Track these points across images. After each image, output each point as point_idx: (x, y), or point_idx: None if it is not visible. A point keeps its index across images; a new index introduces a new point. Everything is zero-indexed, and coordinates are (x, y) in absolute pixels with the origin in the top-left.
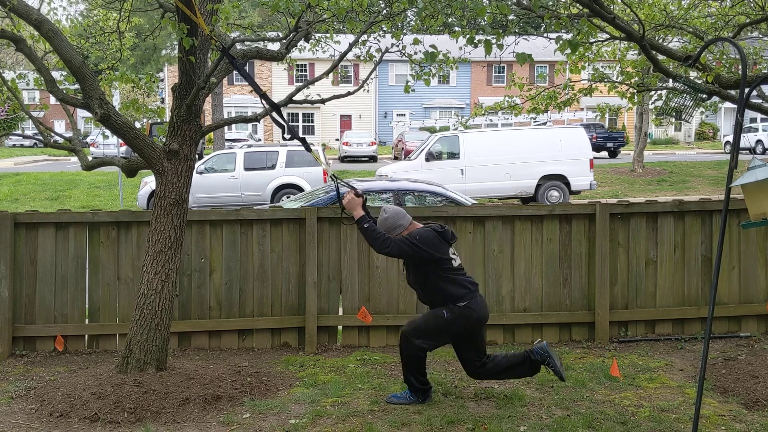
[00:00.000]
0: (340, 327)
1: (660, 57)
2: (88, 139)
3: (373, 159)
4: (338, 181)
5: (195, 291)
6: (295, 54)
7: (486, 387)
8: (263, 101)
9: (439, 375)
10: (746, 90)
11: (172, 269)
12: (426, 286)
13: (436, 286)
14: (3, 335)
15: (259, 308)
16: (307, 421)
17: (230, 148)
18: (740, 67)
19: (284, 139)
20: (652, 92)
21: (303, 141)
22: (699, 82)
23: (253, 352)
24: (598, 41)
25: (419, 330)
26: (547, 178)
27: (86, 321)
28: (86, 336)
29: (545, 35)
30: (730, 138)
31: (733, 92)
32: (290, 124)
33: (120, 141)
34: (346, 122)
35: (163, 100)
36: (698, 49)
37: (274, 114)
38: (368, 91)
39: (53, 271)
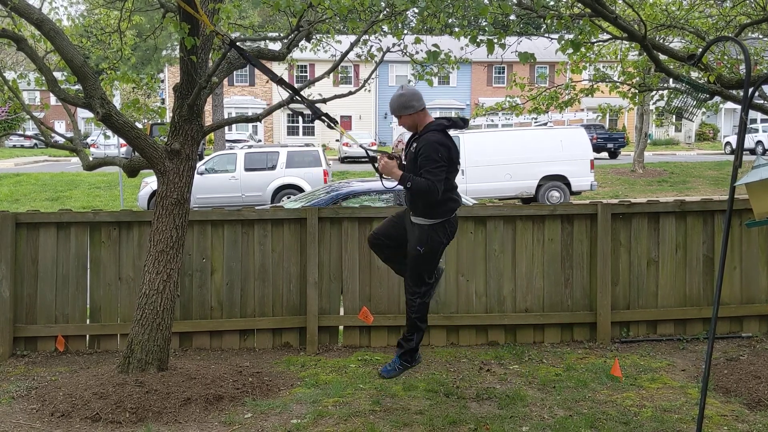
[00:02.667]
0: (341, 327)
1: (662, 57)
2: (89, 140)
3: (373, 160)
4: (367, 149)
5: (196, 291)
6: (296, 54)
7: (488, 387)
8: (282, 86)
9: (441, 375)
10: (750, 89)
11: (174, 269)
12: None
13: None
14: (4, 335)
15: (261, 308)
16: (309, 421)
17: (231, 148)
18: (742, 67)
19: (311, 120)
20: (654, 92)
21: (327, 117)
22: (701, 82)
23: (255, 352)
24: (600, 41)
25: (415, 272)
26: (547, 178)
27: (87, 321)
28: (87, 336)
29: (547, 35)
30: (731, 139)
31: (734, 92)
32: (314, 105)
33: (121, 142)
34: (346, 123)
35: (163, 101)
36: (701, 49)
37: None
38: (369, 91)
39: (54, 271)
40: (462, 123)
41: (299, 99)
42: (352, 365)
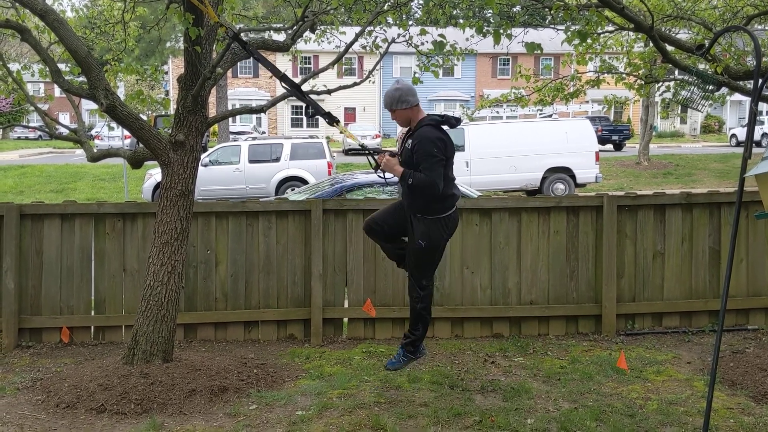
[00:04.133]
0: (345, 319)
1: (669, 48)
2: (93, 132)
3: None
4: (367, 149)
5: (201, 283)
6: (300, 46)
7: (493, 379)
8: (283, 83)
9: (446, 368)
10: (761, 80)
11: (178, 261)
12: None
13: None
14: (9, 327)
15: (265, 300)
16: (314, 412)
17: (235, 140)
18: (749, 58)
19: (308, 115)
20: (660, 84)
21: (328, 115)
22: (709, 73)
23: (259, 344)
24: (607, 32)
25: (418, 266)
26: (552, 170)
27: (92, 312)
28: (92, 327)
29: (553, 26)
30: (737, 131)
31: (742, 83)
32: (312, 101)
33: (125, 133)
34: (350, 115)
35: (167, 92)
36: (709, 39)
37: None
38: (374, 82)
39: (59, 263)
40: (455, 121)
41: (302, 96)
42: (357, 357)
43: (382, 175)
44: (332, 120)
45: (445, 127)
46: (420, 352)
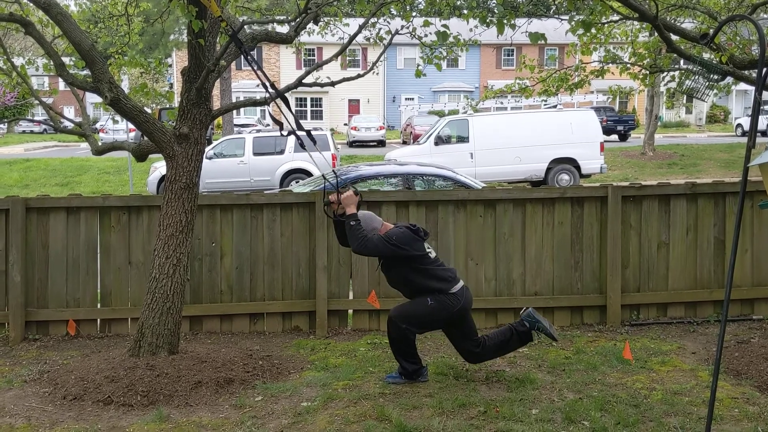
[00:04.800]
0: (350, 311)
1: (673, 37)
2: (98, 125)
3: (381, 143)
4: (332, 179)
5: (206, 275)
6: (303, 38)
7: (497, 370)
8: (268, 90)
9: (450, 358)
10: (765, 69)
11: (184, 253)
12: (408, 283)
13: (418, 282)
14: (16, 319)
15: (270, 292)
16: (319, 404)
17: (239, 133)
18: (754, 47)
19: (281, 134)
20: (665, 73)
21: (308, 134)
22: (714, 62)
23: (264, 336)
24: (611, 22)
25: (405, 315)
26: (557, 161)
27: (98, 305)
28: (98, 320)
29: (557, 16)
30: (742, 121)
31: (747, 72)
32: (285, 124)
33: (129, 126)
34: (354, 107)
35: (171, 86)
36: (714, 29)
37: (271, 113)
38: (377, 74)
39: (65, 256)
40: (425, 233)
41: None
42: (362, 349)
43: (330, 213)
44: (312, 140)
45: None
46: (421, 378)
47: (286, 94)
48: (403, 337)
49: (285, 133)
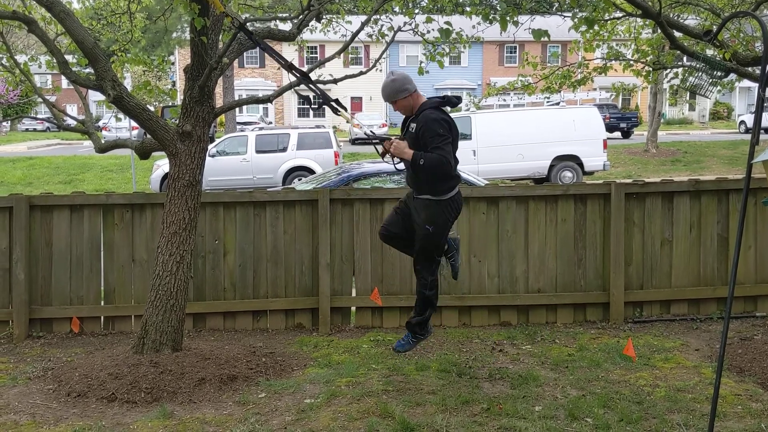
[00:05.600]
0: (353, 308)
1: (676, 34)
2: (101, 123)
3: (381, 143)
4: (375, 136)
5: (209, 272)
6: (306, 35)
7: (500, 367)
8: (292, 72)
9: (454, 355)
10: None
11: (187, 251)
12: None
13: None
14: (20, 317)
15: (273, 290)
16: (322, 400)
17: (242, 131)
18: (758, 44)
19: (316, 106)
20: (668, 70)
21: (337, 102)
22: (717, 59)
23: (268, 333)
24: (614, 19)
25: (427, 252)
26: (560, 158)
27: (102, 303)
28: (102, 318)
29: (560, 13)
30: (745, 118)
31: (750, 69)
32: (321, 95)
33: (132, 124)
34: (356, 104)
35: (174, 83)
36: (717, 25)
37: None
38: (380, 71)
39: (68, 254)
40: (456, 100)
41: (310, 84)
42: (365, 346)
43: (391, 160)
44: (340, 107)
45: (447, 109)
46: (428, 331)
47: (287, 92)
48: (434, 273)
49: (320, 101)
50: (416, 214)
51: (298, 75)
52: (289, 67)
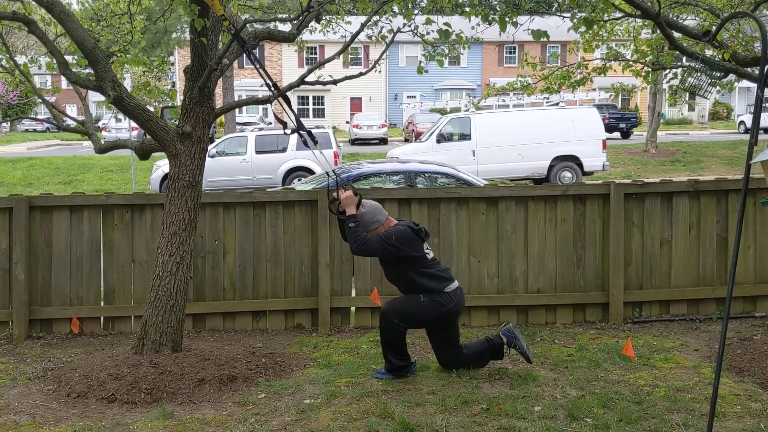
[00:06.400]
0: (353, 308)
1: (675, 35)
2: (100, 124)
3: (383, 141)
4: (334, 177)
5: (209, 273)
6: (305, 36)
7: (500, 368)
8: (271, 89)
9: None
10: (766, 66)
11: (187, 251)
12: (404, 281)
13: (414, 281)
14: (20, 317)
15: (273, 290)
16: (322, 401)
17: (241, 131)
18: (757, 44)
19: (285, 133)
20: (667, 71)
21: (309, 134)
22: (716, 59)
23: (267, 334)
24: (613, 19)
25: (397, 310)
26: (559, 159)
27: (101, 303)
28: (102, 318)
29: (559, 14)
30: (745, 118)
31: (749, 70)
32: (286, 122)
33: (132, 125)
34: (356, 105)
35: (174, 84)
36: (716, 26)
37: (275, 113)
38: (380, 71)
39: (68, 254)
40: (426, 233)
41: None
42: (364, 346)
43: (334, 210)
44: (311, 139)
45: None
46: (409, 374)
47: (288, 93)
48: (395, 331)
49: (288, 131)
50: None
51: (274, 93)
52: (273, 84)
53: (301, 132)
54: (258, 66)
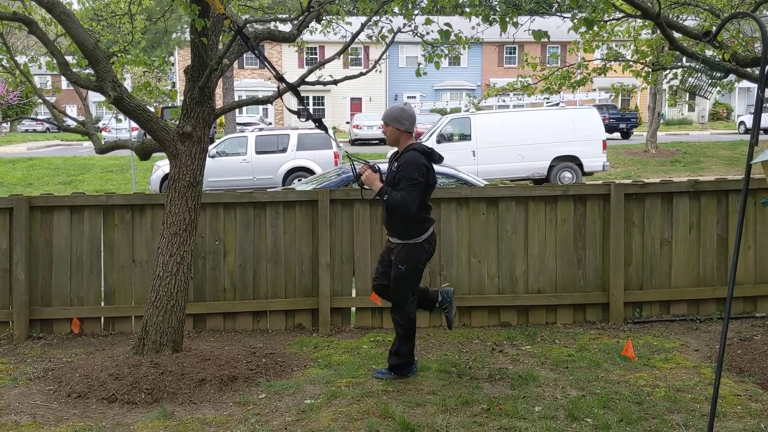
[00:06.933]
0: (353, 308)
1: (676, 35)
2: (100, 124)
3: (383, 141)
4: (352, 159)
5: (209, 273)
6: (306, 36)
7: (501, 368)
8: (281, 83)
9: (454, 356)
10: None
11: (187, 251)
12: (401, 218)
13: (410, 219)
14: (20, 318)
15: (273, 290)
16: (322, 401)
17: (241, 131)
18: (757, 44)
19: (300, 120)
20: (667, 71)
21: (319, 122)
22: (716, 59)
23: (268, 334)
24: (614, 19)
25: (400, 292)
26: (559, 159)
27: (102, 303)
28: (102, 318)
29: (559, 14)
30: (745, 118)
31: (750, 70)
32: (305, 107)
33: (132, 125)
34: (356, 105)
35: (174, 84)
36: (716, 26)
37: (284, 102)
38: (380, 71)
39: (68, 254)
40: (438, 158)
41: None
42: (365, 346)
43: (360, 186)
44: (322, 127)
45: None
46: (411, 372)
47: (288, 94)
48: (411, 314)
49: (303, 119)
50: (392, 255)
51: (287, 88)
52: (280, 78)
53: (315, 121)
54: (264, 60)
